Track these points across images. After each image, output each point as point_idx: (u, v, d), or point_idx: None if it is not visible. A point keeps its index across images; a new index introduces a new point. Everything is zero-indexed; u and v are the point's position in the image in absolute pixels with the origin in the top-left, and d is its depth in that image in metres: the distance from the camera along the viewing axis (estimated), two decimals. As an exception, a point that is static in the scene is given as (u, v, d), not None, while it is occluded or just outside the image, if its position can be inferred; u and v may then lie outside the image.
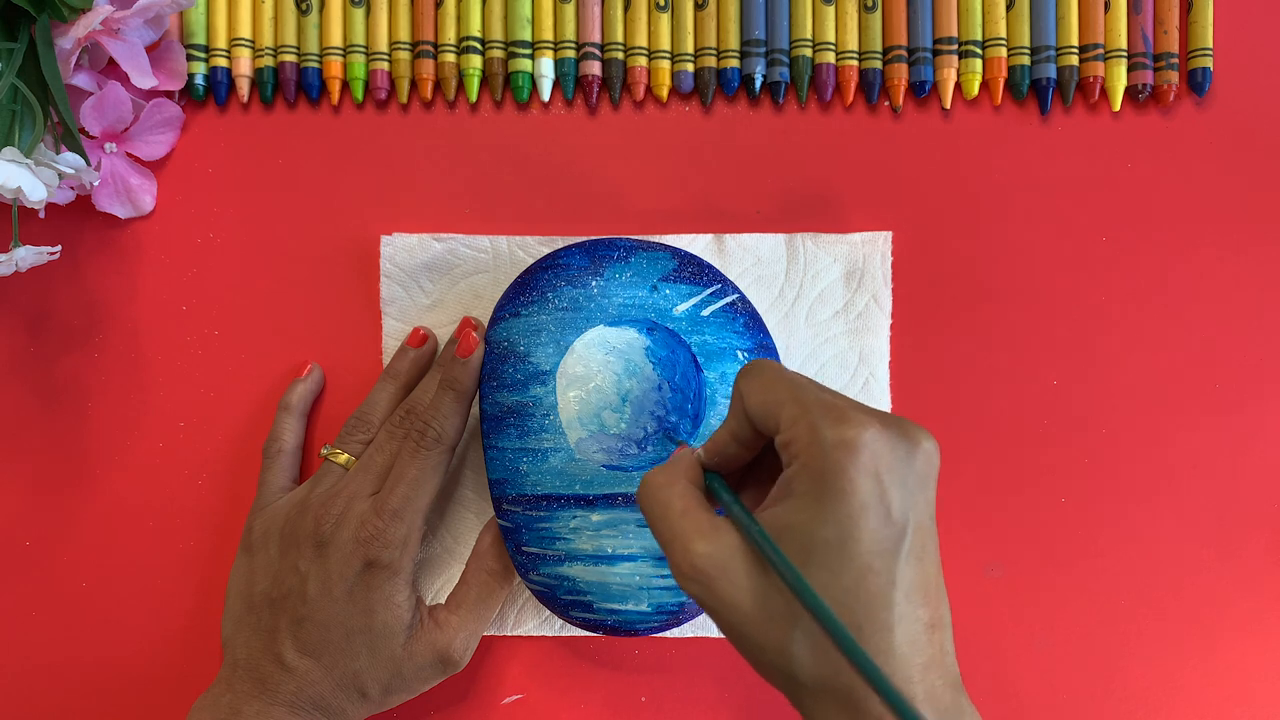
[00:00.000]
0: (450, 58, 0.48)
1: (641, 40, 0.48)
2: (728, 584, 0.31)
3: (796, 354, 0.48)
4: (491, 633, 0.47)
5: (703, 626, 0.47)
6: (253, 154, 0.49)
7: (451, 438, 0.43)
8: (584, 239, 0.46)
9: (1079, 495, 0.48)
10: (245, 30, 0.48)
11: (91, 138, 0.46)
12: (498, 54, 0.48)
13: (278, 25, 0.48)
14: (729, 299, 0.45)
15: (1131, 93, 0.48)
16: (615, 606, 0.43)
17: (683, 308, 0.44)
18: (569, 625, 0.47)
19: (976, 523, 0.48)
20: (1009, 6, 0.48)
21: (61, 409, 0.48)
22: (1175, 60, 0.48)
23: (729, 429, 0.35)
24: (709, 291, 0.45)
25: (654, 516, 0.33)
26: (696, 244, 0.48)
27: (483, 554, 0.45)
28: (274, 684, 0.41)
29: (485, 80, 0.49)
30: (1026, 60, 0.48)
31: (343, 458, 0.44)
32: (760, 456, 0.36)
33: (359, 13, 0.48)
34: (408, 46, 0.48)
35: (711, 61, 0.48)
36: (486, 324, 0.46)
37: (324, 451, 0.45)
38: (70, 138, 0.44)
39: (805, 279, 0.48)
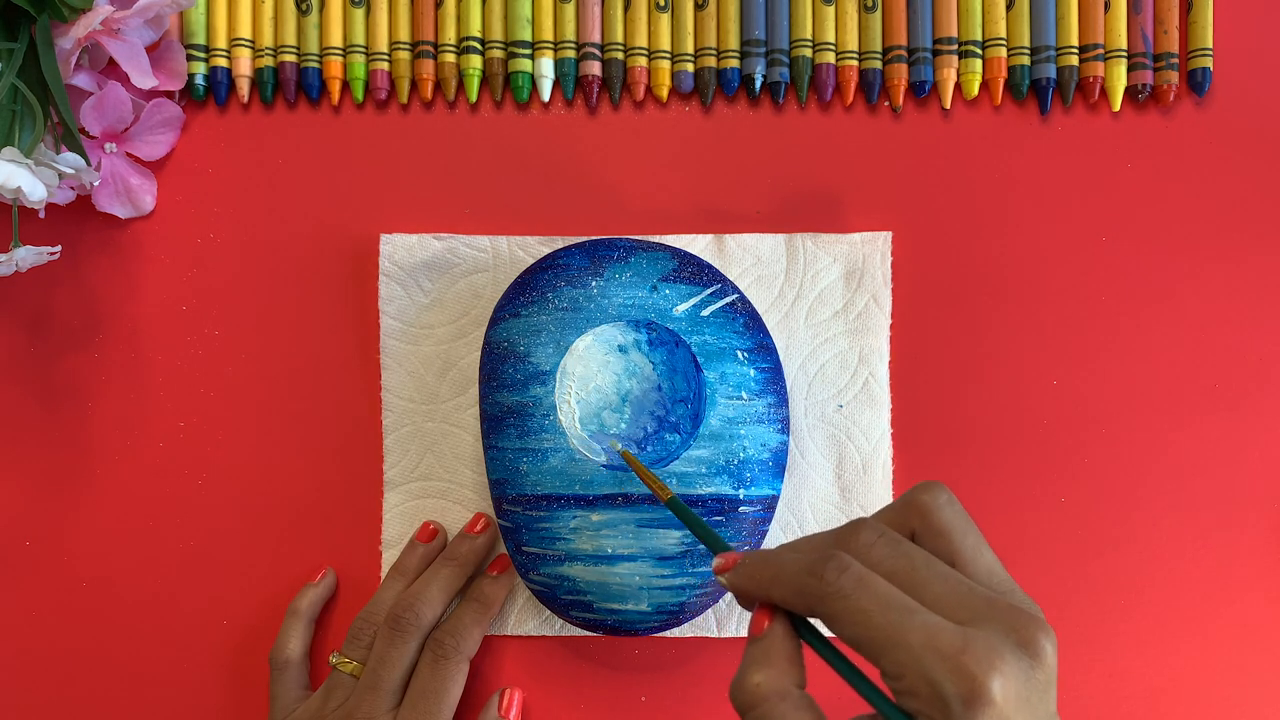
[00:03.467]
0: (450, 58, 0.48)
1: (641, 40, 0.48)
2: None
3: (796, 354, 0.48)
4: (492, 633, 0.47)
5: (702, 626, 0.47)
6: (253, 154, 0.49)
7: (472, 650, 0.44)
8: (584, 239, 0.46)
9: (1079, 495, 0.48)
10: (245, 30, 0.48)
11: (91, 138, 0.46)
12: (498, 54, 0.48)
13: (278, 25, 0.48)
14: (729, 299, 0.45)
15: (1131, 93, 0.48)
16: (615, 606, 0.43)
17: (683, 308, 0.44)
18: (569, 625, 0.47)
19: (976, 523, 0.48)
20: (1009, 6, 0.48)
21: (61, 409, 0.48)
22: (1175, 60, 0.48)
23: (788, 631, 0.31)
24: (709, 291, 0.45)
25: None
26: (696, 244, 0.48)
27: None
28: None
29: (485, 80, 0.49)
30: (1026, 60, 0.48)
31: (351, 666, 0.44)
32: None
33: (359, 13, 0.48)
34: (408, 46, 0.48)
35: (711, 61, 0.48)
36: (486, 324, 0.46)
37: (333, 660, 0.44)
38: (70, 138, 0.44)
39: (805, 279, 0.48)
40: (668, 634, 0.47)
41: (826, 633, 0.30)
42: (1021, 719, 0.27)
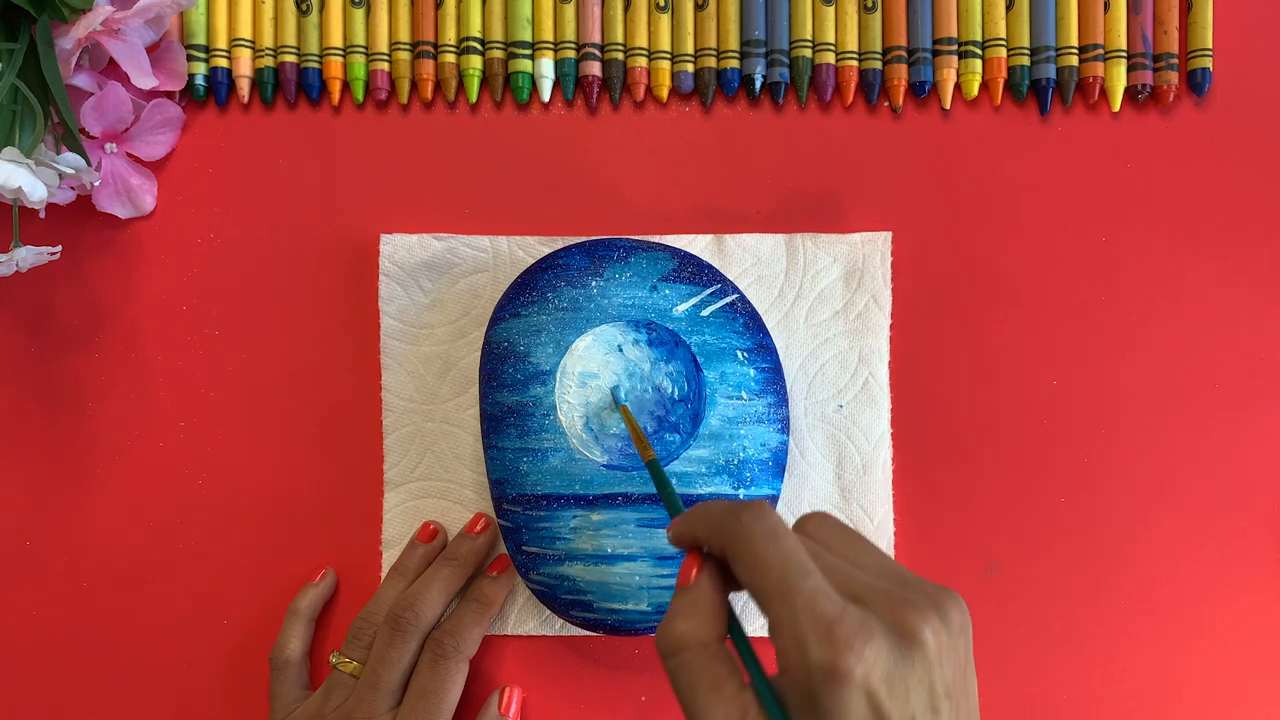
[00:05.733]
0: (450, 58, 0.48)
1: (641, 40, 0.48)
2: None
3: (796, 354, 0.48)
4: (492, 632, 0.47)
5: (703, 626, 0.47)
6: (253, 154, 0.49)
7: (471, 650, 0.44)
8: (584, 239, 0.46)
9: (1079, 495, 0.48)
10: (245, 30, 0.48)
11: (92, 138, 0.46)
12: (498, 54, 0.48)
13: (278, 25, 0.49)
14: (729, 299, 0.45)
15: (1131, 93, 0.48)
16: (615, 606, 0.43)
17: (682, 308, 0.44)
18: (569, 625, 0.47)
19: (976, 523, 0.48)
20: (1009, 6, 0.48)
21: (61, 409, 0.48)
22: (1175, 60, 0.48)
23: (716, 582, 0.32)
24: (709, 291, 0.45)
25: (677, 680, 0.30)
26: (696, 244, 0.48)
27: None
28: None
29: (485, 80, 0.49)
30: (1026, 60, 0.48)
31: (351, 666, 0.44)
32: None
33: (359, 13, 0.48)
34: (408, 47, 0.48)
35: (711, 62, 0.48)
36: (486, 324, 0.46)
37: (333, 659, 0.44)
38: (70, 138, 0.44)
39: (805, 279, 0.48)
40: (668, 634, 0.47)
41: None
42: (893, 701, 0.27)
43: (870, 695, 0.27)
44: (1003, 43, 0.48)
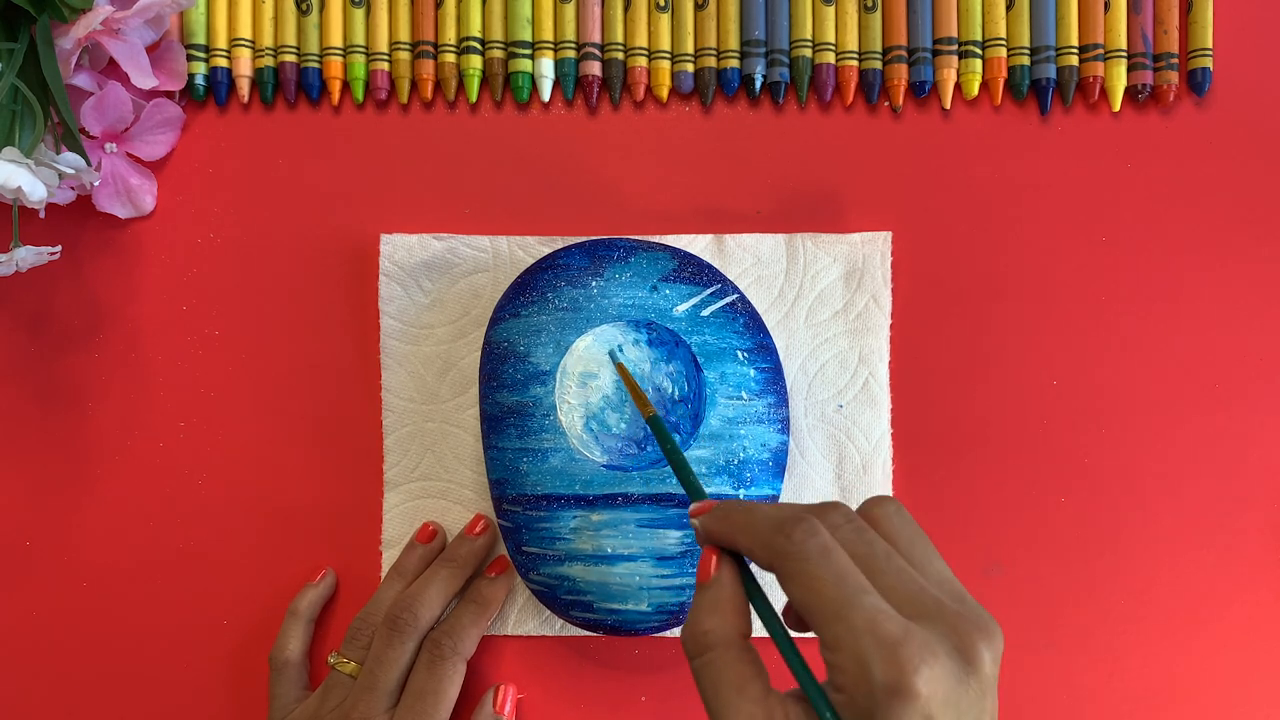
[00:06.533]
0: (450, 58, 0.48)
1: (641, 40, 0.48)
2: None
3: (796, 354, 0.48)
4: (492, 632, 0.47)
5: (703, 626, 0.47)
6: (253, 154, 0.49)
7: (469, 651, 0.44)
8: (584, 239, 0.46)
9: (1079, 495, 0.48)
10: (245, 30, 0.48)
11: (92, 138, 0.46)
12: (498, 54, 0.48)
13: (278, 25, 0.49)
14: (729, 299, 0.45)
15: (1131, 93, 0.48)
16: (615, 606, 0.43)
17: (683, 308, 0.44)
18: (569, 625, 0.47)
19: (976, 523, 0.48)
20: (1009, 6, 0.48)
21: (61, 409, 0.48)
22: (1175, 60, 0.48)
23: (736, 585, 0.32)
24: (709, 291, 0.45)
25: (701, 680, 0.30)
26: (696, 244, 0.48)
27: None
28: None
29: (485, 80, 0.49)
30: (1026, 60, 0.48)
31: (349, 667, 0.44)
32: None
33: (359, 13, 0.48)
34: (408, 47, 0.48)
35: (711, 61, 0.48)
36: (486, 324, 0.46)
37: (331, 660, 0.44)
38: (70, 138, 0.44)
39: (805, 279, 0.48)
40: (668, 634, 0.47)
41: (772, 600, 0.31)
42: (945, 715, 0.27)
43: (928, 718, 0.27)
44: (1003, 42, 0.48)
